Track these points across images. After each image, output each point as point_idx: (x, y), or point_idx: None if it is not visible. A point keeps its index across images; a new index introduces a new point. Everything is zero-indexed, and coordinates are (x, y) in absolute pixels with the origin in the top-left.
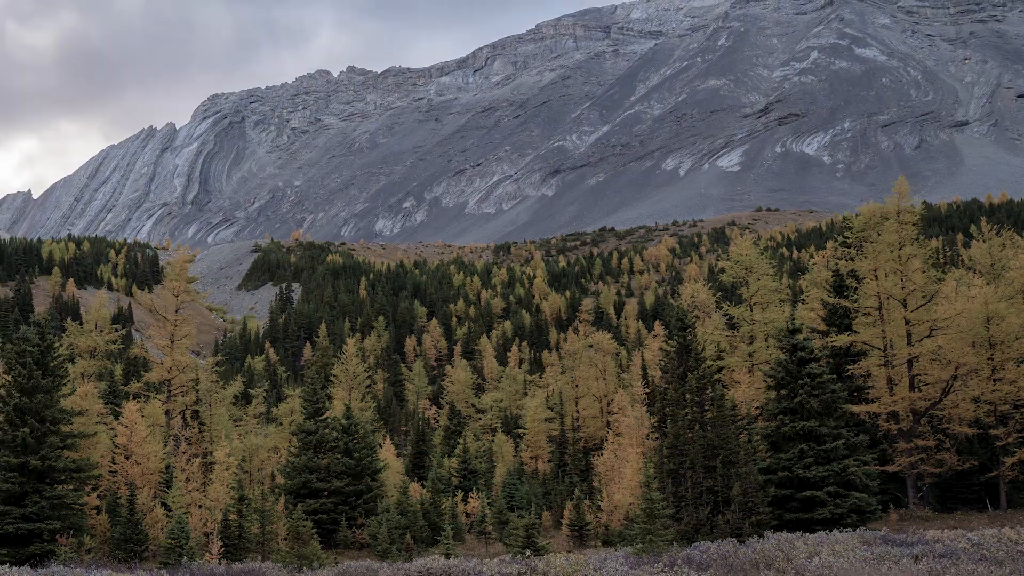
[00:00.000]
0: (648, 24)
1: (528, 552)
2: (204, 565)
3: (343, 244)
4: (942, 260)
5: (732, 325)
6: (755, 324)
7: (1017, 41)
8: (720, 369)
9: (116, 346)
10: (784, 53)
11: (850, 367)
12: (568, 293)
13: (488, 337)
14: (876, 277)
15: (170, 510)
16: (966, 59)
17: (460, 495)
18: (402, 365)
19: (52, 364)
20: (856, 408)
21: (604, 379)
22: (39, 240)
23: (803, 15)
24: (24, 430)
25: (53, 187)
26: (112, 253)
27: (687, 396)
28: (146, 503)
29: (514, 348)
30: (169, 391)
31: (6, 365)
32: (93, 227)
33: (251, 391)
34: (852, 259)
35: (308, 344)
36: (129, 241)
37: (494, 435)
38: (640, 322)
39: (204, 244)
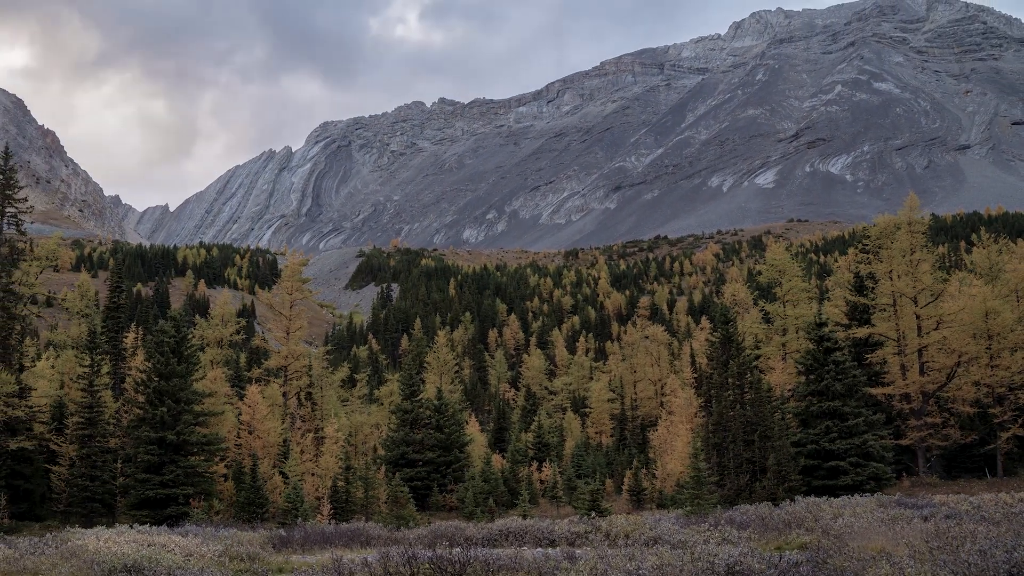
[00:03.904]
0: (696, 62)
1: (593, 513)
2: (316, 525)
3: (435, 250)
4: (947, 264)
5: (768, 319)
6: (787, 318)
7: (1012, 76)
8: (758, 357)
9: (240, 337)
10: (812, 86)
11: (869, 355)
12: (627, 292)
13: (559, 330)
14: (891, 278)
15: (287, 478)
16: (968, 92)
17: (535, 465)
18: (485, 354)
19: (186, 353)
20: (874, 390)
21: (658, 365)
22: (175, 247)
23: (829, 54)
24: (162, 409)
25: (187, 201)
26: (237, 258)
27: (729, 380)
28: (266, 472)
29: (581, 339)
30: (286, 376)
31: (147, 354)
32: (221, 235)
33: (356, 376)
34: (870, 263)
35: (405, 336)
36: (252, 247)
37: (564, 413)
38: (689, 317)
39: (316, 250)
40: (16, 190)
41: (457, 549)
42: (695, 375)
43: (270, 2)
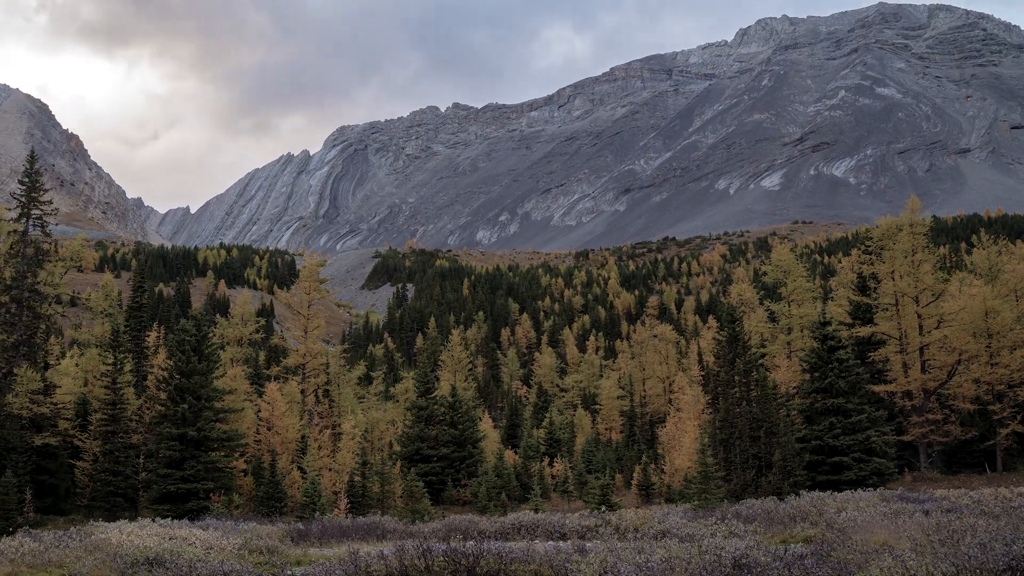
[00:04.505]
0: (703, 68)
1: (603, 508)
2: (334, 519)
3: (449, 251)
4: (948, 264)
5: (773, 319)
6: (792, 318)
7: (1011, 82)
8: (763, 355)
9: (259, 336)
10: (817, 92)
11: (871, 353)
12: (637, 292)
13: (570, 328)
14: (893, 278)
15: (305, 473)
16: (968, 97)
17: (547, 460)
18: (498, 352)
19: (207, 351)
20: (876, 388)
21: (667, 364)
22: (196, 248)
23: (832, 60)
24: (183, 406)
25: (208, 203)
26: (256, 259)
27: (736, 378)
28: (285, 467)
29: (592, 338)
30: (304, 373)
31: (168, 352)
32: (241, 237)
33: (372, 374)
34: (873, 264)
35: (420, 334)
36: (271, 248)
37: (575, 410)
38: (696, 316)
39: (333, 251)
40: (41, 193)
41: (471, 542)
42: (702, 373)
43: (424, 21)
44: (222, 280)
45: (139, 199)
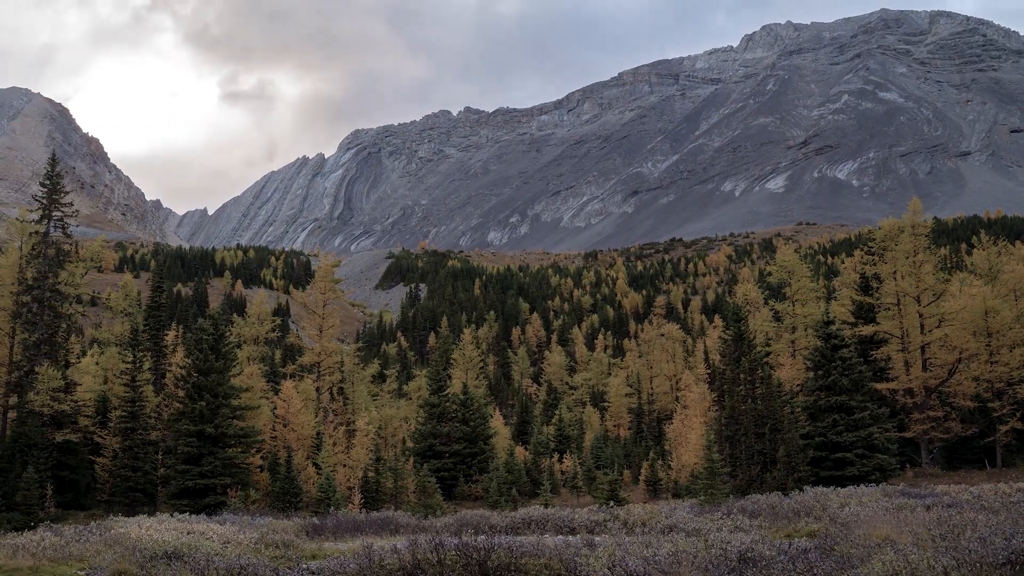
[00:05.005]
0: (710, 72)
1: (612, 503)
2: (348, 514)
3: (461, 252)
4: (949, 265)
5: (777, 318)
6: (796, 317)
7: (1010, 86)
8: (768, 354)
9: (275, 335)
10: (820, 96)
11: (874, 352)
12: (644, 292)
13: (579, 327)
14: (895, 279)
15: (320, 469)
16: (968, 101)
17: (556, 456)
18: (509, 351)
19: (224, 350)
20: (879, 385)
21: (674, 362)
22: (213, 249)
23: (836, 65)
24: (201, 403)
25: (225, 205)
26: (272, 259)
27: (741, 376)
28: (300, 463)
29: (600, 336)
30: (319, 371)
31: (186, 350)
32: (257, 238)
33: (386, 372)
34: (875, 264)
35: (432, 333)
36: (286, 249)
37: (584, 407)
38: (703, 315)
39: (348, 252)
40: (62, 195)
41: (482, 536)
42: (708, 371)
43: (545, 40)
44: (239, 280)
45: (158, 201)
